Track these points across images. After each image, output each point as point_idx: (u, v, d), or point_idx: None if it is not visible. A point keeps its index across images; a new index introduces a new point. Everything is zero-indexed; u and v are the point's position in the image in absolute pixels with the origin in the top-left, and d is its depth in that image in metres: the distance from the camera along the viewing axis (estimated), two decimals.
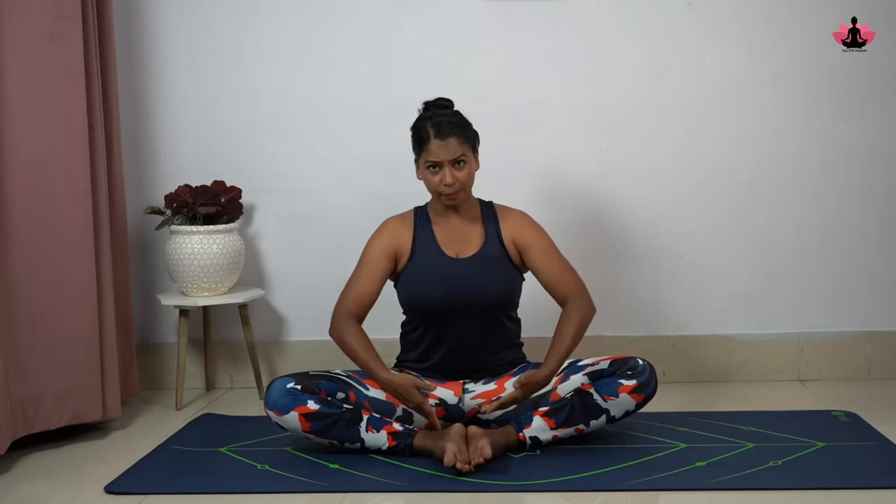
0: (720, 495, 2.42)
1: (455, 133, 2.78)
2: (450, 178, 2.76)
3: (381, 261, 2.85)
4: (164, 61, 3.53)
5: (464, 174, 2.78)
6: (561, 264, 2.87)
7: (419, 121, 2.84)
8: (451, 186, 2.77)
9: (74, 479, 2.66)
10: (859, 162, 3.45)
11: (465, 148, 2.78)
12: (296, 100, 3.52)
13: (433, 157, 2.77)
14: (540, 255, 2.86)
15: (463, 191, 2.80)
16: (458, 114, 2.84)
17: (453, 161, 2.77)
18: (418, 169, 2.85)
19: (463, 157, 2.78)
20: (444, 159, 2.76)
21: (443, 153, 2.76)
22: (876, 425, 2.89)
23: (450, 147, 2.76)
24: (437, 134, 2.77)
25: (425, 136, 2.79)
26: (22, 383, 2.82)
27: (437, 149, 2.76)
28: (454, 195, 2.79)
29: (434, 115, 2.82)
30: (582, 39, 3.45)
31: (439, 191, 2.79)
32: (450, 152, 2.76)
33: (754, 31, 3.42)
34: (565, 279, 2.85)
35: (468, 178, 2.80)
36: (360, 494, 2.48)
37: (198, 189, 3.36)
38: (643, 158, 3.46)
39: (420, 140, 2.82)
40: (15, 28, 2.80)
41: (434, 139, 2.77)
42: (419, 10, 3.47)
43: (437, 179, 2.78)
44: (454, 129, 2.79)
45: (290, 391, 2.68)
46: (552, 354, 2.73)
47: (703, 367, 3.50)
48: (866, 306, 3.49)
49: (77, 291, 2.94)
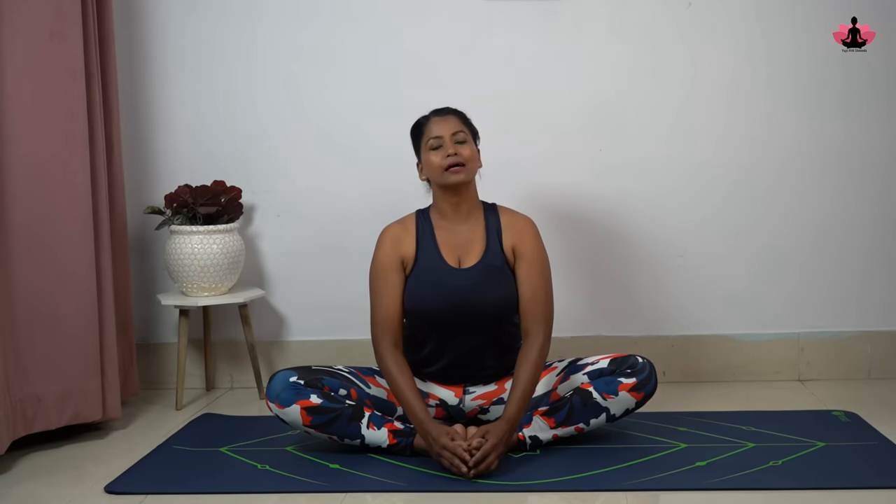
0: (720, 495, 2.41)
1: (454, 114, 2.82)
2: (452, 149, 2.74)
3: (393, 275, 2.80)
4: (164, 61, 3.53)
5: (467, 150, 2.76)
6: (541, 288, 2.78)
7: (419, 118, 2.86)
8: (455, 157, 2.74)
9: (74, 479, 2.66)
10: (860, 161, 3.44)
11: (465, 128, 2.80)
12: (296, 100, 3.52)
13: (434, 132, 2.77)
14: (527, 271, 2.79)
15: (468, 168, 2.76)
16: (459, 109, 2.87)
17: (454, 136, 2.76)
18: (421, 167, 2.84)
19: (463, 136, 2.78)
20: (445, 134, 2.76)
21: (444, 127, 2.77)
22: (876, 425, 2.89)
23: (450, 123, 2.78)
24: (435, 113, 2.81)
25: (424, 119, 2.82)
26: (22, 383, 2.82)
27: (438, 125, 2.78)
28: (459, 168, 2.74)
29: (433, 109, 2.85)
30: (582, 39, 3.45)
31: (443, 166, 2.75)
32: (450, 127, 2.77)
33: (754, 31, 3.42)
34: (537, 303, 2.76)
35: (472, 156, 2.77)
36: (360, 494, 2.48)
37: (198, 189, 3.36)
38: (643, 158, 3.46)
39: (419, 127, 2.83)
40: (15, 28, 2.80)
41: (433, 117, 2.80)
42: (420, 10, 3.47)
43: (441, 156, 2.75)
44: (453, 111, 2.83)
45: (292, 385, 2.68)
46: (511, 404, 2.64)
47: (703, 367, 3.50)
48: (866, 306, 3.49)
49: (77, 291, 2.94)
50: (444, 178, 2.77)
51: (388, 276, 2.79)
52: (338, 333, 3.53)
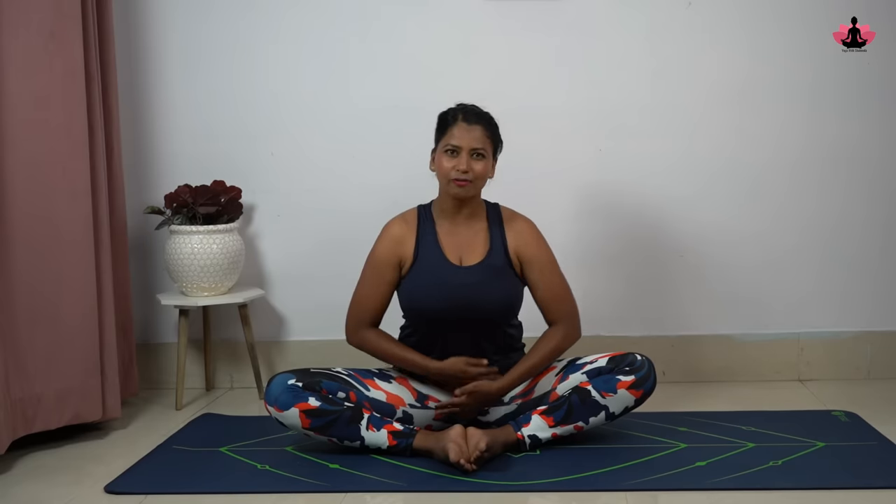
0: (720, 495, 2.41)
1: (483, 124, 2.76)
2: (465, 165, 2.72)
3: (386, 271, 2.82)
4: (164, 61, 3.53)
5: (480, 167, 2.74)
6: (559, 285, 2.83)
7: (449, 108, 2.82)
8: (464, 174, 2.72)
9: (74, 479, 2.66)
10: (860, 162, 3.45)
11: (487, 143, 2.76)
12: (296, 100, 3.52)
13: (455, 140, 2.73)
14: (540, 273, 2.82)
15: (474, 185, 2.75)
16: (491, 115, 2.82)
17: (473, 151, 2.73)
18: (434, 156, 2.81)
19: (483, 151, 2.74)
20: (465, 146, 2.72)
21: (466, 138, 2.73)
22: (876, 425, 2.89)
23: (474, 134, 2.73)
24: (464, 118, 2.76)
25: (451, 118, 2.77)
26: (22, 383, 2.82)
27: (462, 132, 2.73)
28: (465, 184, 2.74)
29: (466, 107, 2.80)
30: (582, 40, 3.45)
31: (450, 176, 2.74)
32: (473, 140, 2.73)
33: (754, 31, 3.42)
34: (559, 301, 2.82)
35: (483, 173, 2.76)
36: (360, 494, 2.48)
37: (198, 189, 3.36)
38: (642, 158, 3.46)
39: (445, 122, 2.79)
40: (15, 28, 2.80)
41: (461, 122, 2.75)
42: (419, 10, 3.47)
43: (452, 164, 2.73)
44: (482, 120, 2.77)
45: (290, 388, 2.68)
46: (514, 369, 2.75)
47: (703, 367, 3.50)
48: (866, 306, 3.49)
49: (77, 291, 2.94)
50: (448, 186, 2.77)
51: (381, 271, 2.82)
52: (338, 334, 3.48)
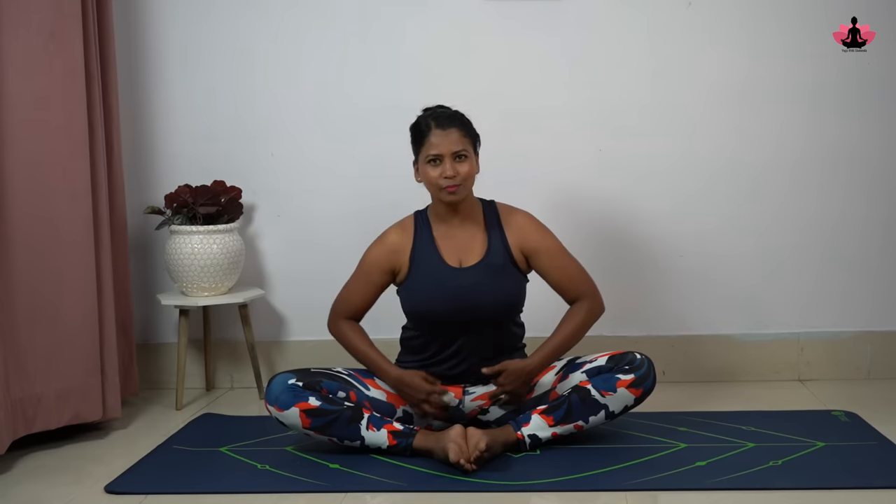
0: (720, 495, 2.41)
1: (456, 125, 2.75)
2: (451, 170, 2.71)
3: (377, 276, 2.84)
4: (164, 61, 3.53)
5: (466, 168, 2.73)
6: (571, 266, 2.85)
7: (418, 118, 2.81)
8: (452, 179, 2.72)
9: (74, 479, 2.66)
10: (859, 162, 3.45)
11: (466, 143, 2.74)
12: (296, 100, 3.52)
13: (434, 149, 2.72)
14: (549, 260, 2.83)
15: (464, 186, 2.75)
16: (460, 112, 2.82)
17: (454, 154, 2.72)
18: (417, 169, 2.81)
19: (464, 152, 2.73)
20: (445, 152, 2.71)
21: (444, 144, 2.71)
22: (876, 425, 2.89)
23: (451, 138, 2.72)
24: (438, 125, 2.74)
25: (425, 128, 2.75)
26: (22, 383, 2.82)
27: (438, 139, 2.72)
28: (455, 188, 2.73)
29: (434, 111, 2.79)
30: (582, 40, 3.45)
31: (440, 184, 2.73)
32: (451, 144, 2.72)
33: (754, 31, 3.42)
34: (576, 280, 2.84)
35: (469, 173, 2.75)
36: (360, 494, 2.48)
37: (198, 189, 3.36)
38: (642, 158, 3.46)
39: (419, 133, 2.77)
40: (15, 28, 2.80)
41: (435, 129, 2.73)
42: (419, 10, 3.47)
43: (438, 172, 2.72)
44: (455, 122, 2.75)
45: (291, 387, 2.68)
46: (543, 347, 2.76)
47: (703, 367, 3.50)
48: (866, 306, 3.49)
49: (77, 291, 2.94)
50: (440, 194, 2.76)
51: (372, 274, 2.85)
52: None
